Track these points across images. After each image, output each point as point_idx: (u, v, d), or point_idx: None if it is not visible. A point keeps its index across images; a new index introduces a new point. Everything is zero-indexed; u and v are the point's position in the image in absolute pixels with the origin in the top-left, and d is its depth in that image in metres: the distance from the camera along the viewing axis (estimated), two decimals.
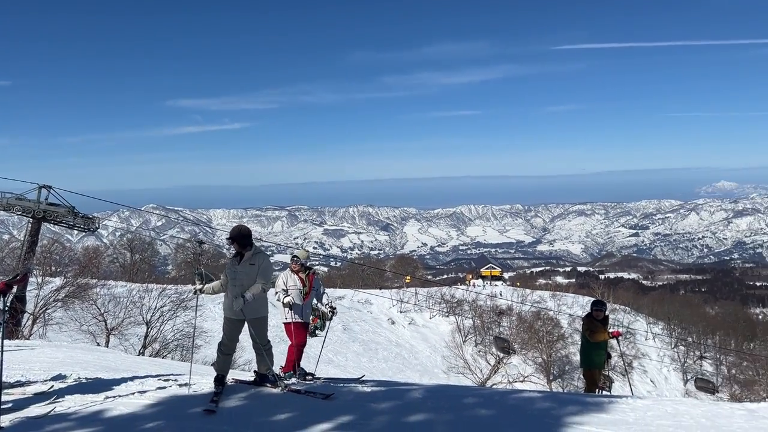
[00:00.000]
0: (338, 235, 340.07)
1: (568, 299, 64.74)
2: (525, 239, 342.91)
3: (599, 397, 7.95)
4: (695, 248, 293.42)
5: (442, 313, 51.24)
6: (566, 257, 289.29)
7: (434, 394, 7.48)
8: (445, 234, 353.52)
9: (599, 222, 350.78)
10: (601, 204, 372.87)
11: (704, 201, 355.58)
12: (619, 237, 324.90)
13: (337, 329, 40.88)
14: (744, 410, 6.64)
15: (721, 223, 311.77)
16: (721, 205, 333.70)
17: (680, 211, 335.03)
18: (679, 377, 51.47)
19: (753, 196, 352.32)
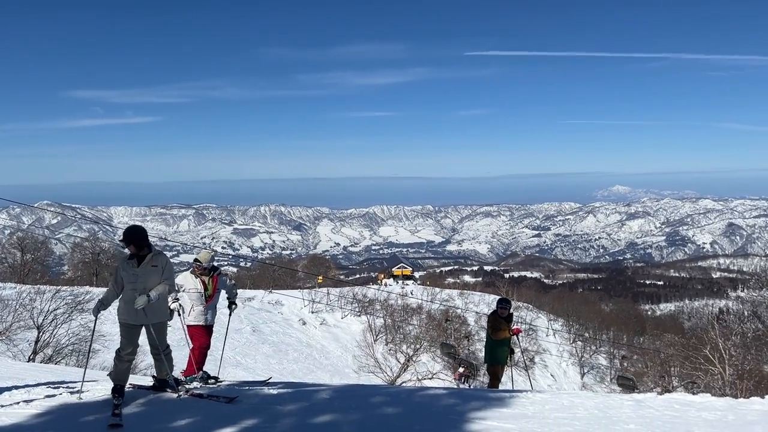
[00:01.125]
0: (249, 235, 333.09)
1: (475, 297, 66.86)
2: (435, 239, 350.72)
3: (502, 392, 8.23)
4: (592, 248, 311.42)
5: (353, 312, 51.36)
6: (474, 257, 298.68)
7: (342, 394, 7.45)
8: (358, 234, 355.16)
9: (505, 223, 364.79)
10: (507, 206, 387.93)
11: (601, 204, 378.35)
12: (523, 237, 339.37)
13: (246, 331, 40.00)
14: (632, 401, 7.08)
15: (616, 225, 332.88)
16: (615, 208, 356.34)
17: (579, 214, 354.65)
18: (577, 371, 54.36)
19: (644, 200, 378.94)
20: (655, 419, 5.98)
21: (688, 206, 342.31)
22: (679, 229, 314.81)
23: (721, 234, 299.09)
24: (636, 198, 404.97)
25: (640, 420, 5.93)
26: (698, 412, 6.24)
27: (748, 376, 19.62)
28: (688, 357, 26.14)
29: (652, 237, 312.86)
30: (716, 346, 21.46)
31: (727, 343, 21.71)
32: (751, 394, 14.52)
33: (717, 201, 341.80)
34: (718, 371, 21.00)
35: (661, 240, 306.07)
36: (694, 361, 23.83)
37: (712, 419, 5.89)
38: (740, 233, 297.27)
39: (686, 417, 6.04)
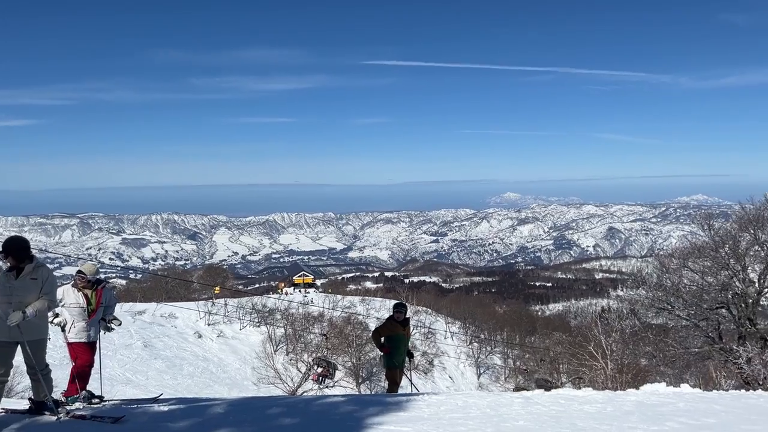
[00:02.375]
0: (139, 245, 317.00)
1: (377, 303, 67.49)
2: (337, 246, 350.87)
3: (399, 396, 8.32)
4: (487, 253, 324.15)
5: (253, 323, 50.21)
6: (375, 263, 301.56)
7: (238, 408, 7.23)
8: (258, 242, 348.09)
9: (404, 229, 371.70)
10: (406, 213, 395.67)
11: (494, 210, 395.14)
12: (422, 243, 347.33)
13: (136, 346, 37.95)
14: (521, 398, 7.40)
15: (508, 230, 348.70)
16: (507, 214, 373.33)
17: (474, 219, 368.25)
18: (474, 372, 56.20)
19: (533, 206, 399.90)
20: (542, 415, 6.27)
21: (573, 212, 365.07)
22: (565, 233, 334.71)
23: (603, 237, 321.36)
24: (526, 204, 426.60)
25: (528, 416, 6.20)
26: (581, 406, 6.62)
27: (627, 370, 21.10)
28: (574, 354, 27.61)
29: (541, 241, 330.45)
30: (599, 343, 22.80)
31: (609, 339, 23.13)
32: (629, 386, 15.64)
33: (599, 206, 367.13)
34: (601, 366, 22.39)
35: (549, 244, 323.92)
36: (580, 358, 25.21)
37: (593, 411, 6.27)
38: (619, 236, 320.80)
39: (570, 411, 6.39)
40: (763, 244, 16.85)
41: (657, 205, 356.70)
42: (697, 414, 5.81)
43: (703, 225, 18.98)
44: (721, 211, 66.87)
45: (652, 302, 18.70)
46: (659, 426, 5.23)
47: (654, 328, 20.25)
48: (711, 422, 5.35)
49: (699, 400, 6.85)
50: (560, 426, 5.48)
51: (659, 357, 19.04)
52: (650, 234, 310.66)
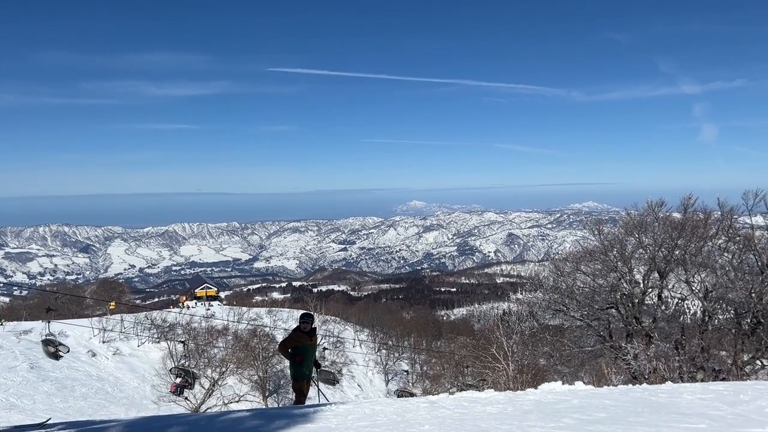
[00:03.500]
0: (24, 259, 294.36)
1: (284, 314, 66.40)
2: (242, 257, 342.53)
3: (306, 408, 8.19)
4: (394, 260, 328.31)
5: (152, 339, 47.89)
6: (282, 273, 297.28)
7: (135, 428, 6.83)
8: (157, 254, 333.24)
9: (312, 238, 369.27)
10: (314, 221, 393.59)
11: (401, 218, 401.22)
12: (330, 252, 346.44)
13: (22, 368, 35.12)
14: (427, 402, 7.51)
15: (414, 237, 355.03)
16: (413, 222, 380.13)
17: (381, 227, 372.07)
18: (382, 379, 56.54)
19: (438, 213, 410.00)
20: (446, 418, 6.38)
21: (475, 219, 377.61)
22: (468, 239, 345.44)
23: (503, 243, 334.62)
24: (431, 212, 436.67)
25: (434, 420, 6.29)
26: (483, 407, 6.80)
27: (527, 370, 22.01)
28: (478, 357, 28.43)
29: (445, 247, 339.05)
30: (501, 345, 23.61)
31: (510, 341, 24.00)
32: (529, 385, 16.29)
33: (499, 214, 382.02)
34: (503, 367, 23.20)
35: (453, 250, 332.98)
36: (484, 360, 26.01)
37: (494, 412, 6.45)
38: (518, 242, 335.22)
39: (473, 413, 6.55)
40: (646, 248, 18.13)
41: (552, 212, 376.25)
42: (590, 409, 6.13)
43: (594, 230, 20.19)
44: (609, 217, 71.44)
45: (549, 304, 19.59)
46: (556, 423, 5.46)
47: (551, 328, 21.20)
48: (602, 416, 5.65)
49: (591, 396, 7.24)
50: (464, 428, 5.59)
51: (556, 356, 19.94)
52: (546, 239, 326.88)
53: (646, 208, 19.16)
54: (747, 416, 5.21)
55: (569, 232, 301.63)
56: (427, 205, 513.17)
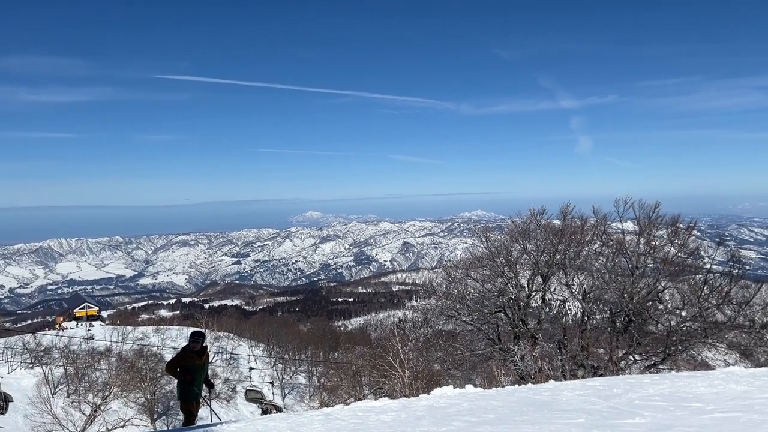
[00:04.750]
0: None
1: (173, 332, 63.42)
2: (126, 273, 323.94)
3: (196, 429, 7.83)
4: (290, 272, 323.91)
5: (24, 365, 44.01)
6: (171, 289, 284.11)
7: None
8: (30, 273, 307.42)
9: (203, 252, 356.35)
10: (205, 234, 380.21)
11: (297, 229, 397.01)
12: (223, 265, 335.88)
13: None
14: (322, 415, 7.41)
15: (311, 248, 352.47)
16: (310, 232, 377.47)
17: (276, 239, 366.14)
18: (278, 393, 55.39)
19: (334, 224, 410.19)
20: (341, 429, 6.33)
21: (371, 228, 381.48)
22: (364, 249, 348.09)
23: (398, 252, 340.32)
24: (327, 222, 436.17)
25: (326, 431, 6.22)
26: (378, 416, 6.82)
27: (421, 376, 22.40)
28: (375, 365, 28.57)
29: (342, 258, 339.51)
30: (397, 353, 23.88)
31: (405, 348, 24.33)
32: (423, 391, 16.58)
33: (394, 223, 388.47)
34: (399, 375, 23.46)
35: (350, 260, 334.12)
36: (380, 369, 26.16)
37: (388, 420, 6.48)
38: (413, 250, 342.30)
39: (368, 422, 6.54)
40: (530, 253, 19.08)
41: (444, 221, 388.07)
42: (479, 411, 6.32)
43: (482, 238, 20.99)
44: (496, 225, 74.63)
45: (441, 310, 20.08)
46: (447, 426, 5.57)
47: (444, 334, 21.73)
48: (490, 417, 5.84)
49: (480, 398, 7.47)
50: None
51: (449, 361, 20.44)
52: (439, 247, 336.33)
53: (529, 216, 20.20)
54: (620, 409, 5.58)
55: (460, 239, 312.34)
56: (324, 216, 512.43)
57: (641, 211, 18.18)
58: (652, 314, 17.55)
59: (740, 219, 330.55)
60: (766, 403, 5.41)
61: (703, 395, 6.17)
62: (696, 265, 18.51)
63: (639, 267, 17.54)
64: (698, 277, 17.84)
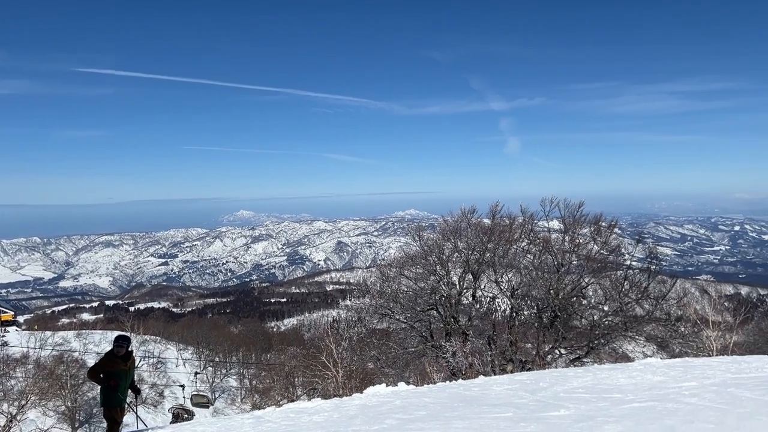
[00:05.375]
0: None
1: (96, 337, 60.72)
2: (45, 276, 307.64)
3: None
4: (221, 272, 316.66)
5: None
6: (93, 292, 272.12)
7: None
8: None
9: (128, 252, 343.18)
10: (130, 234, 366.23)
11: (227, 229, 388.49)
12: (149, 267, 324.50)
13: None
14: (252, 418, 7.27)
15: (242, 248, 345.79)
16: (241, 232, 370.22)
17: (206, 239, 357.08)
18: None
19: (267, 223, 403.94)
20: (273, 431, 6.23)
21: (305, 228, 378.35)
22: (298, 249, 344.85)
23: (332, 251, 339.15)
24: (260, 222, 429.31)
25: None
26: (310, 417, 6.75)
27: (355, 375, 22.43)
28: (308, 366, 28.37)
29: (275, 258, 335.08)
30: (330, 352, 23.80)
31: (339, 348, 24.29)
32: (357, 390, 16.58)
33: (328, 222, 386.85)
34: (332, 375, 23.39)
35: (283, 260, 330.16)
36: (314, 369, 26.01)
37: (320, 421, 6.43)
38: (347, 250, 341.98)
39: (299, 423, 6.46)
40: (461, 251, 19.44)
41: (378, 220, 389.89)
42: (411, 408, 6.37)
43: (415, 236, 21.22)
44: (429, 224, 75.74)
45: (375, 309, 20.16)
46: (379, 425, 5.57)
47: (378, 332, 21.83)
48: (422, 414, 5.89)
49: (412, 396, 7.53)
50: None
51: (383, 359, 20.54)
52: (373, 246, 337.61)
53: (460, 215, 20.57)
54: (546, 402, 5.75)
55: (394, 238, 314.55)
56: (256, 215, 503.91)
57: (566, 210, 18.88)
58: (576, 309, 18.25)
59: (657, 217, 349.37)
60: (679, 392, 5.72)
61: (622, 386, 6.46)
62: (617, 261, 19.39)
63: (564, 264, 18.19)
64: (619, 273, 18.70)
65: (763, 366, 8.27)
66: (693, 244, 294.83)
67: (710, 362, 9.63)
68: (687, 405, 4.99)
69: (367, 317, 21.88)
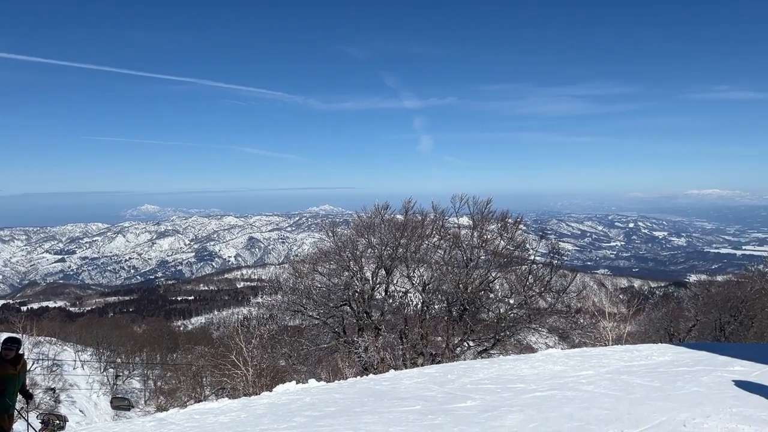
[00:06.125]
0: None
1: None
2: None
3: None
4: (123, 270, 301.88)
5: None
6: None
7: None
8: None
9: (20, 249, 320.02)
10: (22, 229, 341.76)
11: (130, 224, 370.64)
12: (44, 264, 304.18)
13: None
14: (155, 420, 6.94)
15: (147, 244, 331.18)
16: (146, 228, 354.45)
17: (107, 234, 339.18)
18: (108, 400, 51.45)
19: (174, 218, 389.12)
20: None
21: (215, 223, 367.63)
22: (207, 245, 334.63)
23: (244, 247, 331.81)
24: (166, 217, 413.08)
25: None
26: (216, 417, 6.53)
27: (265, 373, 22.04)
28: (217, 365, 27.63)
29: (182, 254, 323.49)
30: (240, 351, 23.27)
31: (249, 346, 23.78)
32: (267, 389, 16.31)
33: (239, 218, 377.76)
34: (242, 374, 22.87)
35: (191, 256, 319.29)
36: (223, 368, 25.34)
37: (227, 421, 6.24)
38: (259, 246, 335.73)
39: (205, 425, 6.24)
40: (374, 247, 19.58)
41: (292, 215, 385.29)
42: (321, 405, 6.31)
43: (329, 232, 21.16)
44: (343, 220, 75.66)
45: (288, 305, 19.94)
46: (288, 423, 5.48)
47: (290, 329, 21.60)
48: (331, 410, 5.85)
49: (323, 392, 7.47)
50: None
51: (294, 356, 20.37)
52: (287, 242, 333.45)
53: (374, 211, 20.72)
54: (454, 393, 5.87)
55: (308, 234, 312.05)
56: (162, 210, 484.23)
57: (475, 207, 19.46)
58: (484, 303, 18.86)
59: (560, 215, 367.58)
60: (577, 381, 6.01)
61: (526, 376, 6.71)
62: (522, 256, 20.21)
63: (473, 259, 18.74)
64: (524, 267, 19.50)
65: (651, 354, 8.87)
66: (592, 239, 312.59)
67: (605, 351, 10.22)
68: (584, 392, 5.24)
69: (279, 314, 21.63)
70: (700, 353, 8.83)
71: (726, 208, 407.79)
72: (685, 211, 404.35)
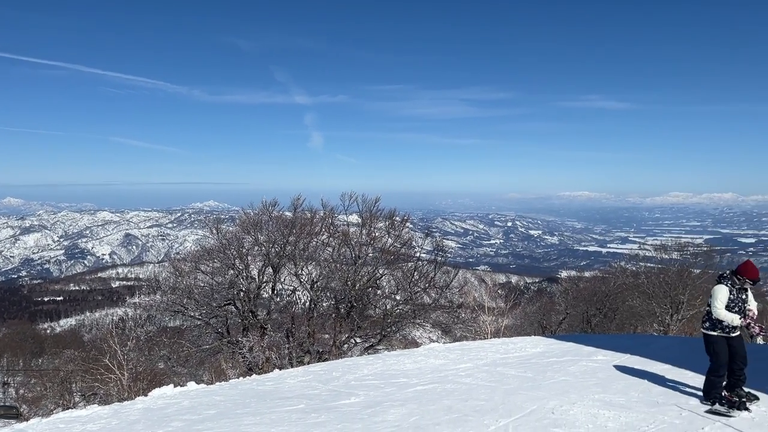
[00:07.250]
0: None
1: None
2: None
3: None
4: None
5: None
6: None
7: None
8: None
9: None
10: None
11: None
12: None
13: None
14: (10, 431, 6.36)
15: (9, 240, 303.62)
16: (8, 222, 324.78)
17: None
18: None
19: (40, 212, 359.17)
20: None
21: (87, 218, 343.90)
22: (78, 241, 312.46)
23: (119, 244, 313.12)
24: (31, 211, 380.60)
25: None
26: (83, 425, 6.09)
27: (142, 377, 20.94)
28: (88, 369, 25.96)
29: (50, 251, 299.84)
30: (115, 354, 21.98)
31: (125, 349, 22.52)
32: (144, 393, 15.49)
33: (114, 213, 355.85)
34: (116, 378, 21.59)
35: (60, 254, 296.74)
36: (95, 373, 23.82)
37: (96, 429, 5.84)
38: (136, 243, 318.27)
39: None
40: (261, 245, 19.19)
41: (173, 211, 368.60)
42: (200, 408, 6.07)
43: (213, 229, 20.45)
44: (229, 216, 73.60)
45: (167, 306, 19.07)
46: (164, 428, 5.23)
47: (170, 330, 20.68)
48: (212, 413, 5.65)
49: (202, 395, 7.19)
50: None
51: (174, 358, 19.55)
52: (167, 239, 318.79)
53: (261, 207, 20.32)
54: (338, 391, 5.87)
55: (191, 231, 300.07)
56: (26, 203, 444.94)
57: (364, 205, 19.65)
58: (371, 299, 19.10)
59: (445, 213, 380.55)
60: (457, 374, 6.23)
61: (408, 371, 6.86)
62: (408, 254, 20.70)
63: (361, 256, 18.91)
64: (410, 264, 19.99)
65: (525, 346, 9.40)
66: (474, 237, 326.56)
67: (483, 345, 10.70)
68: (463, 385, 5.44)
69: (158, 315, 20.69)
70: (568, 344, 9.49)
71: (593, 209, 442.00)
72: (557, 211, 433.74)
